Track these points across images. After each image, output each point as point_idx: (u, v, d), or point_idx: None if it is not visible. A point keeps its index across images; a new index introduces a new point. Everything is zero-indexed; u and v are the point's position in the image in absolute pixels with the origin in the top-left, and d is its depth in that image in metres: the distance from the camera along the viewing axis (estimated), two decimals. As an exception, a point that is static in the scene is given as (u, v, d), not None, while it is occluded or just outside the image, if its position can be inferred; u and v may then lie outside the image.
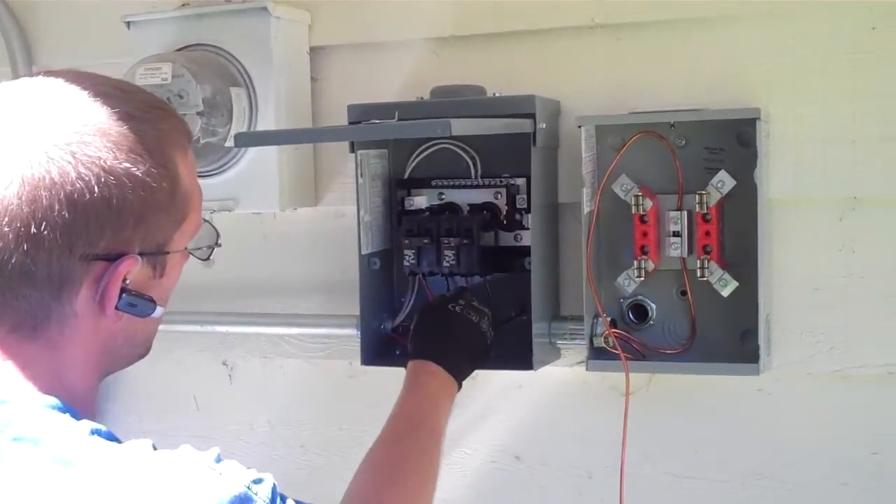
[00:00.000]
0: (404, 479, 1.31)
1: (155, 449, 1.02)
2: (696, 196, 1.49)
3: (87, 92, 1.06)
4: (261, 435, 1.89)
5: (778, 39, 1.53)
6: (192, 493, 0.98)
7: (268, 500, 1.01)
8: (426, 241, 1.59)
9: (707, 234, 1.50)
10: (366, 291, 1.62)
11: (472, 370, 1.49)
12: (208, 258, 1.24)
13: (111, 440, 1.02)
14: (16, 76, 1.90)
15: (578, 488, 1.69)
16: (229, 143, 1.63)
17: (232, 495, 0.98)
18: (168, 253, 1.11)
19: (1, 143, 1.02)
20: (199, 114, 1.60)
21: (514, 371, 1.63)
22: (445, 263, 1.58)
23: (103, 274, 1.05)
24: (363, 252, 1.62)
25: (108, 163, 1.02)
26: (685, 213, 1.51)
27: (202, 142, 1.61)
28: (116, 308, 1.07)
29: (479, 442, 1.74)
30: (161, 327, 1.83)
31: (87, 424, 1.02)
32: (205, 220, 1.19)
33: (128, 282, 1.07)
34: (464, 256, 1.57)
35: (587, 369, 1.56)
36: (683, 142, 1.54)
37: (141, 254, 1.07)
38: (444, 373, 1.44)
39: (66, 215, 1.01)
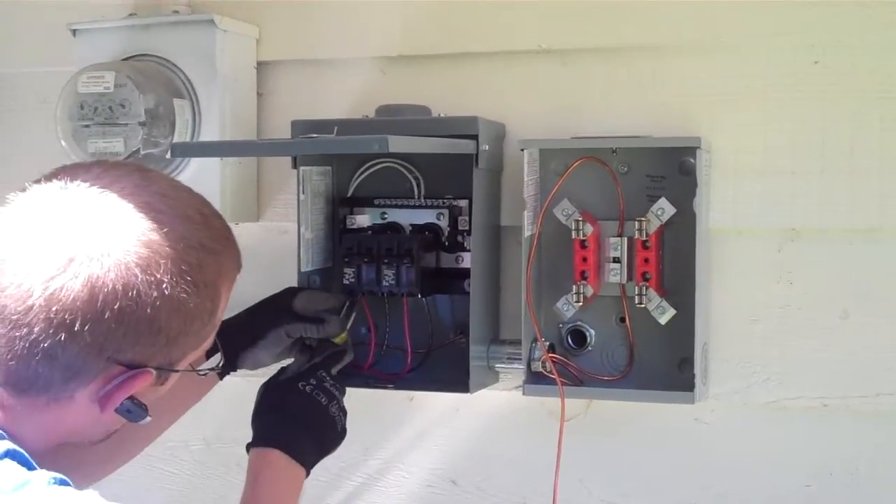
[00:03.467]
0: None
1: (61, 484, 1.01)
2: (636, 223, 1.49)
3: (171, 209, 1.09)
4: (195, 452, 1.86)
5: (722, 70, 1.54)
6: None
7: None
8: (366, 259, 1.58)
9: (646, 261, 1.51)
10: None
11: (321, 456, 1.41)
12: (204, 376, 1.27)
13: (25, 465, 1.01)
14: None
15: (513, 514, 1.68)
16: (169, 153, 1.61)
17: None
18: (178, 370, 1.13)
19: (75, 234, 1.04)
20: (140, 124, 1.59)
21: (450, 394, 1.62)
22: (385, 283, 1.57)
23: (116, 377, 1.07)
24: (303, 269, 1.61)
25: (168, 290, 1.05)
26: (625, 239, 1.51)
27: (143, 153, 1.60)
28: (115, 411, 1.09)
29: (415, 465, 1.73)
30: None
31: (3, 444, 1.02)
32: (215, 339, 1.20)
33: (135, 390, 1.09)
34: (404, 276, 1.56)
35: (524, 394, 1.55)
36: (626, 168, 1.54)
37: (157, 368, 1.09)
38: (288, 461, 1.35)
39: (113, 325, 1.03)
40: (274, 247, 1.76)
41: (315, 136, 1.45)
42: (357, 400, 1.48)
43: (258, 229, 1.78)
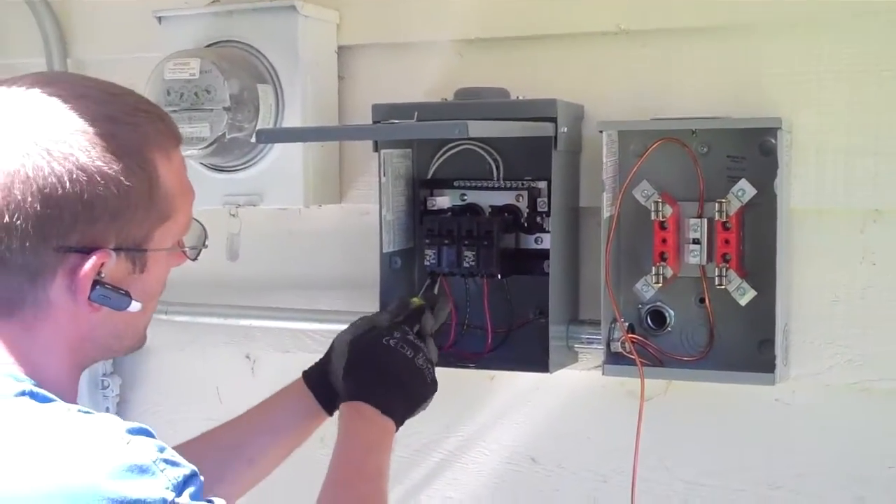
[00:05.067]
0: None
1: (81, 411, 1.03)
2: (717, 204, 1.49)
3: (71, 94, 1.10)
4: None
5: (803, 49, 1.52)
6: (90, 453, 0.99)
7: (173, 483, 1.00)
8: (447, 241, 1.59)
9: (726, 242, 1.50)
10: (386, 289, 1.63)
11: (412, 409, 1.41)
12: (195, 258, 1.25)
13: (44, 402, 1.04)
14: (50, 68, 1.93)
15: (593, 492, 1.70)
16: (254, 138, 1.64)
17: (130, 463, 0.98)
18: (147, 250, 1.13)
19: None
20: (225, 109, 1.62)
21: (530, 373, 1.63)
22: (465, 264, 1.59)
23: (77, 265, 1.08)
24: (384, 250, 1.63)
25: (81, 160, 1.06)
26: (705, 220, 1.51)
27: (228, 137, 1.63)
28: (90, 299, 1.10)
29: (496, 442, 1.75)
30: (186, 319, 1.89)
31: (21, 386, 1.05)
32: (195, 220, 1.21)
33: (103, 275, 1.10)
34: (483, 257, 1.58)
35: (603, 374, 1.56)
36: (705, 149, 1.53)
37: (117, 249, 1.10)
38: (379, 415, 1.36)
39: (38, 207, 1.05)
40: (355, 228, 1.79)
41: (397, 121, 1.47)
42: (439, 379, 1.50)
43: (340, 211, 1.81)
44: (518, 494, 1.75)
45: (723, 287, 1.50)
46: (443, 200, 1.66)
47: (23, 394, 1.04)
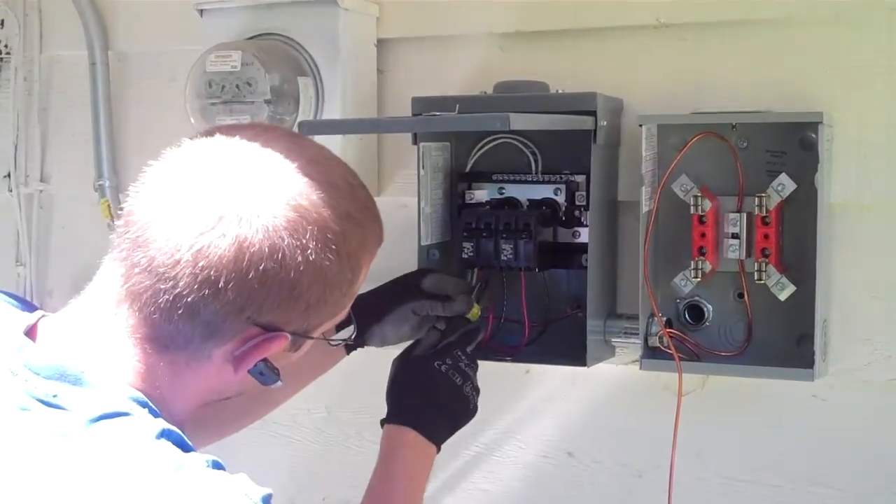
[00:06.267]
0: None
1: (215, 467, 1.02)
2: (756, 198, 1.48)
3: (324, 178, 1.09)
4: (317, 420, 1.91)
5: (844, 43, 1.51)
6: None
7: None
8: (485, 234, 1.60)
9: (766, 237, 1.49)
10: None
11: (453, 433, 1.43)
12: (336, 347, 1.27)
13: (180, 446, 1.02)
14: (92, 60, 1.95)
15: (629, 486, 1.69)
16: (296, 130, 1.65)
17: None
18: (313, 337, 1.14)
19: (226, 194, 1.05)
20: (266, 102, 1.63)
21: (567, 367, 1.63)
22: (503, 257, 1.59)
23: (253, 338, 1.09)
24: (423, 243, 1.64)
25: (313, 257, 1.05)
26: (744, 215, 1.50)
27: (268, 129, 1.64)
28: (248, 371, 1.11)
29: (532, 436, 1.75)
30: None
31: (159, 424, 1.03)
32: (351, 314, 1.21)
33: (270, 353, 1.11)
34: (521, 251, 1.58)
35: (641, 368, 1.55)
36: (745, 143, 1.53)
37: (293, 333, 1.11)
38: (423, 440, 1.38)
39: (256, 286, 1.04)
40: (394, 221, 1.76)
41: (437, 114, 1.47)
42: (475, 372, 1.51)
43: (378, 203, 1.79)
44: (553, 488, 1.75)
45: (762, 282, 1.50)
46: (481, 194, 1.66)
47: (162, 435, 1.02)
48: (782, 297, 1.50)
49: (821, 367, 1.49)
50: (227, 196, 1.05)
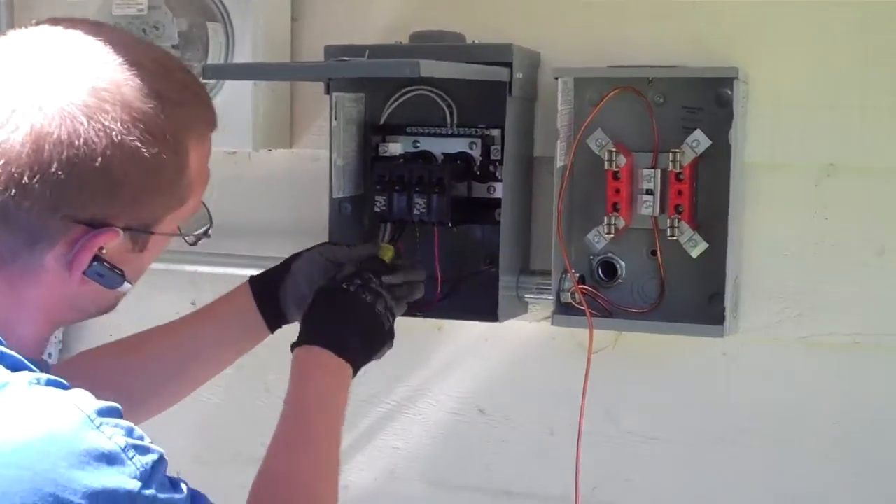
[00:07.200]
0: (308, 488, 1.26)
1: (48, 385, 0.99)
2: (671, 154, 1.47)
3: (126, 59, 1.04)
4: (226, 377, 1.86)
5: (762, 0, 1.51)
6: (55, 436, 0.94)
7: (140, 472, 0.96)
8: (398, 188, 1.57)
9: (679, 193, 1.49)
10: (335, 236, 1.60)
11: (368, 355, 1.38)
12: (195, 244, 1.21)
13: (14, 368, 0.99)
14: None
15: (540, 444, 1.69)
16: (201, 74, 1.61)
17: (98, 451, 0.94)
18: (154, 233, 1.09)
19: (19, 85, 1.00)
20: (174, 47, 1.59)
21: (479, 323, 1.62)
22: (416, 211, 1.56)
23: (81, 238, 1.04)
24: (334, 196, 1.61)
25: (120, 137, 1.00)
26: (659, 171, 1.49)
27: (176, 76, 1.60)
28: (84, 274, 1.06)
29: (443, 393, 1.74)
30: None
31: None
32: (204, 206, 1.18)
33: (104, 251, 1.06)
34: (435, 205, 1.55)
35: (553, 324, 1.55)
36: (662, 99, 1.52)
37: (125, 228, 1.05)
38: (336, 359, 1.33)
39: (62, 175, 0.99)
40: (306, 173, 1.76)
41: (347, 59, 1.44)
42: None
43: (290, 156, 1.78)
44: (466, 445, 1.74)
45: (674, 238, 1.49)
46: (395, 147, 1.63)
47: None
48: (694, 254, 1.50)
49: (731, 325, 1.49)
50: (20, 87, 1.00)
